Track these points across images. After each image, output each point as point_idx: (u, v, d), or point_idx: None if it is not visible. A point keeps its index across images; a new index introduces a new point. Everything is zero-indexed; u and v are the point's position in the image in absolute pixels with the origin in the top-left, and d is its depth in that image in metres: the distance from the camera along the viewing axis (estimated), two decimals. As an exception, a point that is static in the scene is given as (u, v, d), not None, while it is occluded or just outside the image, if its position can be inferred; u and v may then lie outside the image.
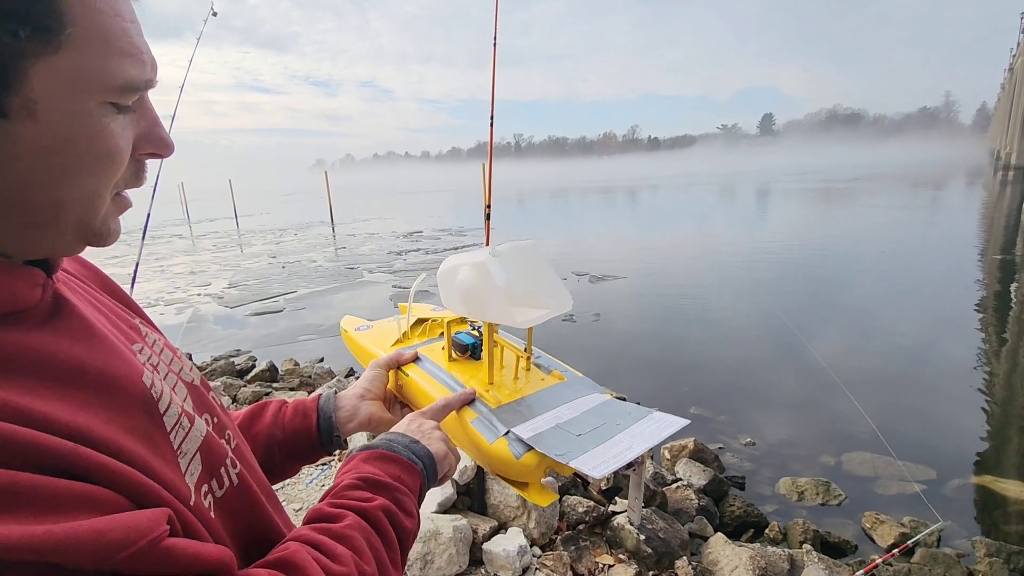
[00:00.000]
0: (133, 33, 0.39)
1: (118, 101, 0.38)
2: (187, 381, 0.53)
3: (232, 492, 0.46)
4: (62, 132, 0.36)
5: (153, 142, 0.43)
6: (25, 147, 0.35)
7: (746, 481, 3.20)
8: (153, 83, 0.42)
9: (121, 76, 0.38)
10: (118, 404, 0.39)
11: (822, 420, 3.89)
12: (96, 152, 0.38)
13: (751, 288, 7.74)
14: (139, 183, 0.45)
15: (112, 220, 0.43)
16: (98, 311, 0.49)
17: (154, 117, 0.43)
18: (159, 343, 0.54)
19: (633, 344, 5.63)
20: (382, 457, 0.62)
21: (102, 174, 0.39)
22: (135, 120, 0.41)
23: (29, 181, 0.36)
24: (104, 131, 0.38)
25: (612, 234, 15.23)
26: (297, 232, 17.91)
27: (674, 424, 0.72)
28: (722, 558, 2.29)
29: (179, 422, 0.44)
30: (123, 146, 0.40)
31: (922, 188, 27.14)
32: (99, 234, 0.42)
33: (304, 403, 0.80)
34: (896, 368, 4.72)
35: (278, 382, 4.57)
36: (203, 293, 8.80)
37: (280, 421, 0.77)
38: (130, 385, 0.41)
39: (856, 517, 2.83)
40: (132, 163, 0.42)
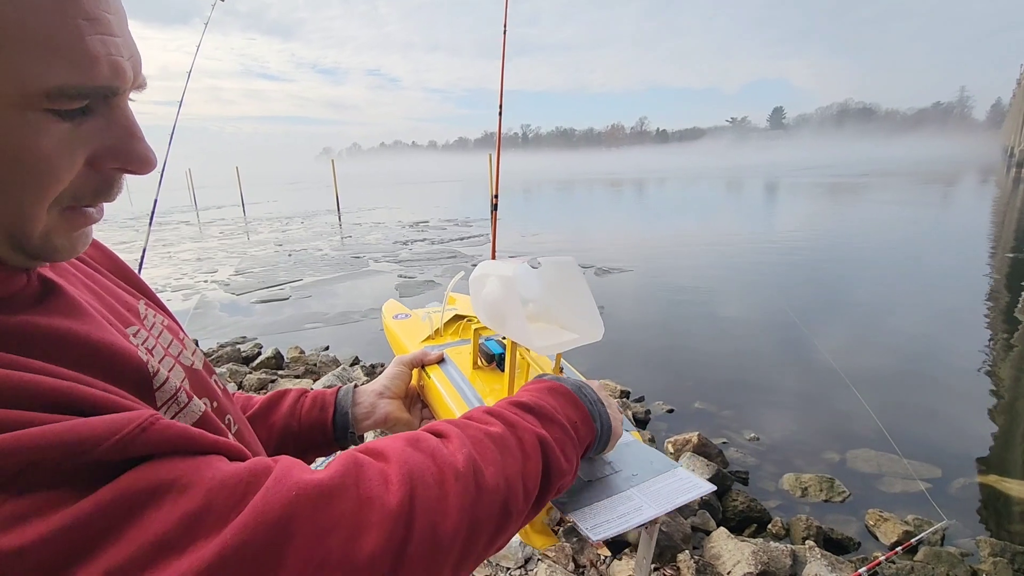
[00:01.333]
0: (85, 32, 0.34)
1: (51, 107, 0.34)
2: (186, 365, 0.52)
3: None
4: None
5: (122, 157, 0.39)
6: None
7: (749, 476, 3.20)
8: (121, 89, 0.37)
9: (48, 79, 0.33)
10: (107, 375, 0.38)
11: (827, 417, 3.88)
12: (18, 164, 0.34)
13: (758, 283, 7.70)
14: (107, 198, 0.41)
15: (59, 236, 0.39)
16: (94, 294, 0.49)
17: (128, 128, 0.39)
18: (159, 326, 0.53)
19: (638, 337, 5.62)
20: (567, 396, 0.58)
21: (27, 189, 0.35)
22: (95, 130, 0.37)
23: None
24: (28, 141, 0.34)
25: (619, 226, 15.16)
26: (303, 220, 17.93)
27: (697, 488, 0.64)
28: (724, 552, 2.29)
29: (174, 397, 0.43)
30: (60, 160, 0.35)
31: (934, 184, 26.84)
32: (40, 250, 0.39)
33: (323, 396, 0.78)
34: (903, 366, 4.69)
35: (283, 369, 4.59)
36: (210, 280, 8.84)
37: (297, 412, 0.76)
38: (122, 356, 0.40)
39: (860, 514, 2.83)
40: (92, 177, 0.38)
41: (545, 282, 0.77)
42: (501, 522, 0.44)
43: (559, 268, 0.77)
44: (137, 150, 0.39)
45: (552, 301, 0.79)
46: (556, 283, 0.78)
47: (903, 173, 37.02)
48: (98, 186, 0.39)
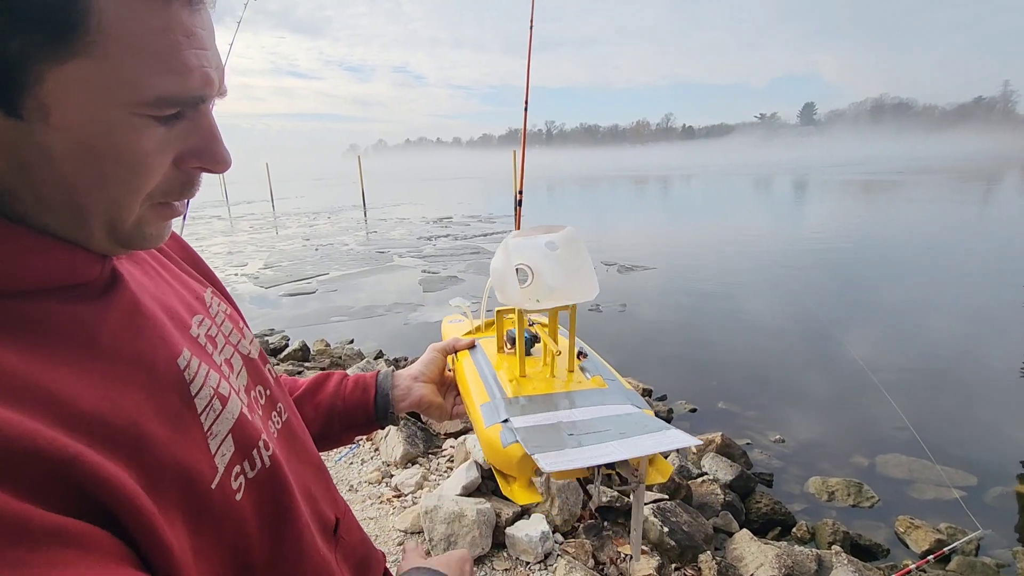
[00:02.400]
0: (184, 48, 0.37)
1: (151, 113, 0.37)
2: (244, 354, 0.55)
3: (263, 473, 0.46)
4: (80, 139, 0.36)
5: (204, 158, 0.42)
6: (41, 150, 0.35)
7: (774, 478, 3.14)
8: (209, 97, 0.41)
9: (154, 90, 0.36)
10: (150, 383, 0.40)
11: (856, 420, 3.78)
12: (119, 162, 0.37)
13: (786, 282, 7.54)
14: (190, 195, 0.44)
15: (149, 226, 0.43)
16: (163, 282, 0.51)
17: (211, 131, 0.42)
18: (222, 315, 0.56)
19: (660, 336, 5.56)
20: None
21: (126, 184, 0.39)
22: (184, 133, 0.40)
23: (47, 181, 0.37)
24: (131, 142, 0.37)
25: (643, 224, 14.99)
26: (330, 215, 18.22)
27: (680, 441, 0.63)
28: (747, 554, 2.26)
29: (210, 404, 0.44)
30: (155, 159, 0.39)
31: (974, 182, 25.81)
32: (131, 238, 0.42)
33: (364, 378, 0.83)
34: (937, 369, 4.54)
35: (309, 361, 4.68)
36: (240, 273, 9.05)
37: (341, 393, 0.80)
38: (165, 365, 0.42)
39: (889, 520, 2.75)
40: (178, 175, 0.42)
41: (554, 254, 0.79)
42: None
43: (568, 242, 0.79)
44: (218, 151, 0.43)
45: (559, 273, 0.81)
46: (564, 256, 0.80)
47: (942, 170, 35.69)
48: (183, 183, 0.43)
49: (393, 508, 2.44)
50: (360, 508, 2.44)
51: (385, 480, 2.66)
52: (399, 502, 2.49)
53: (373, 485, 2.62)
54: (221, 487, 0.41)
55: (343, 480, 2.66)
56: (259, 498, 0.45)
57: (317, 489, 0.57)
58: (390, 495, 2.53)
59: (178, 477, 0.38)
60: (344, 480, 2.66)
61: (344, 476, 2.68)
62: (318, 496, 0.56)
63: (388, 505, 2.47)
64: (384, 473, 2.71)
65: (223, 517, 0.40)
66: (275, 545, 0.46)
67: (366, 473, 2.70)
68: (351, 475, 2.69)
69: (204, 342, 0.49)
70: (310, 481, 0.56)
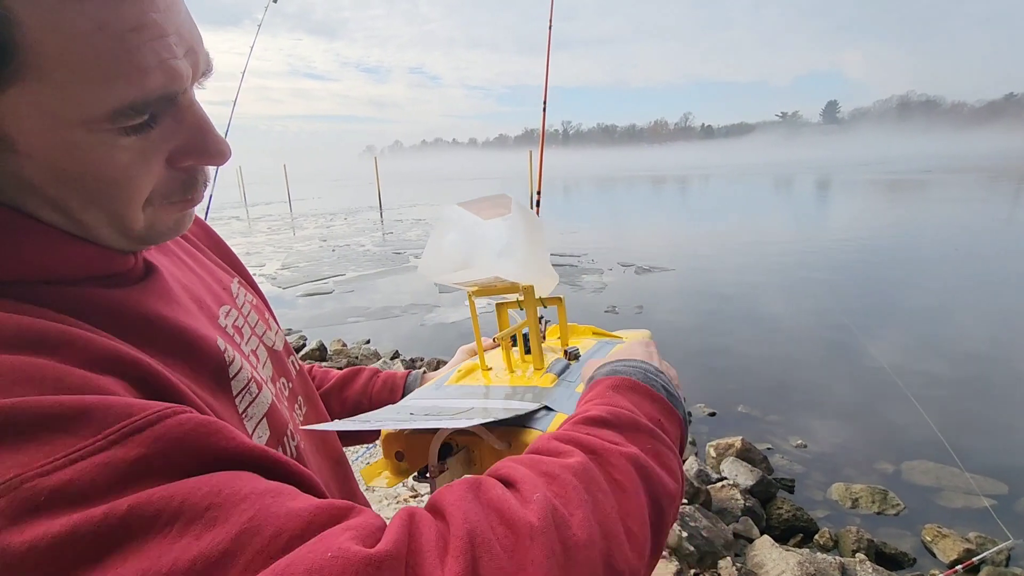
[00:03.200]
0: (133, 43, 0.33)
1: (114, 127, 0.34)
2: (268, 345, 0.55)
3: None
4: (51, 164, 0.34)
5: (196, 154, 0.39)
6: (20, 179, 0.35)
7: (795, 484, 3.08)
8: (179, 91, 0.37)
9: (106, 103, 0.33)
10: (188, 362, 0.41)
11: (881, 425, 3.69)
12: (99, 180, 0.36)
13: (808, 285, 7.40)
14: (194, 192, 0.42)
15: (161, 224, 0.42)
16: (193, 273, 0.52)
17: (197, 124, 0.39)
18: (248, 305, 0.56)
19: (678, 338, 5.49)
20: (636, 389, 0.48)
21: (115, 200, 0.37)
22: (166, 133, 0.38)
23: (42, 206, 0.36)
24: (103, 159, 0.35)
25: (661, 225, 14.86)
26: (347, 216, 18.39)
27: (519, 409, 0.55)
28: (768, 561, 2.21)
29: (247, 387, 0.45)
30: (136, 171, 0.37)
31: (1005, 181, 25.08)
32: (147, 237, 0.42)
33: (393, 378, 0.82)
34: (966, 375, 4.41)
35: (327, 361, 4.73)
36: (258, 274, 9.18)
37: (369, 391, 0.80)
38: (202, 344, 0.43)
39: (916, 529, 2.68)
40: (175, 174, 0.40)
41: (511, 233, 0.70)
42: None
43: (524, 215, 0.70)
44: (210, 143, 0.40)
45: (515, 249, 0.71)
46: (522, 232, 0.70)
47: (971, 169, 34.75)
48: (183, 182, 0.41)
49: (409, 508, 2.45)
50: (377, 508, 2.45)
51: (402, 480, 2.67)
52: (415, 502, 2.49)
53: (390, 485, 2.63)
54: None
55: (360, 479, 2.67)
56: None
57: (334, 484, 0.58)
58: (407, 495, 2.54)
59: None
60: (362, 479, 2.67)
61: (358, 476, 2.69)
62: (334, 490, 0.57)
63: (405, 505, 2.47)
64: (400, 473, 2.72)
65: None
66: None
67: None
68: (368, 475, 2.71)
69: (232, 332, 0.50)
70: (327, 476, 0.57)
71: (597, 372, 0.53)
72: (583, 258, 9.28)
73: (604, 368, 0.53)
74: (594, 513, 0.35)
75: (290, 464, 0.35)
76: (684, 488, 0.45)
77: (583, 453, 0.39)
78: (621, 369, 0.51)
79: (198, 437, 0.31)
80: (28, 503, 0.26)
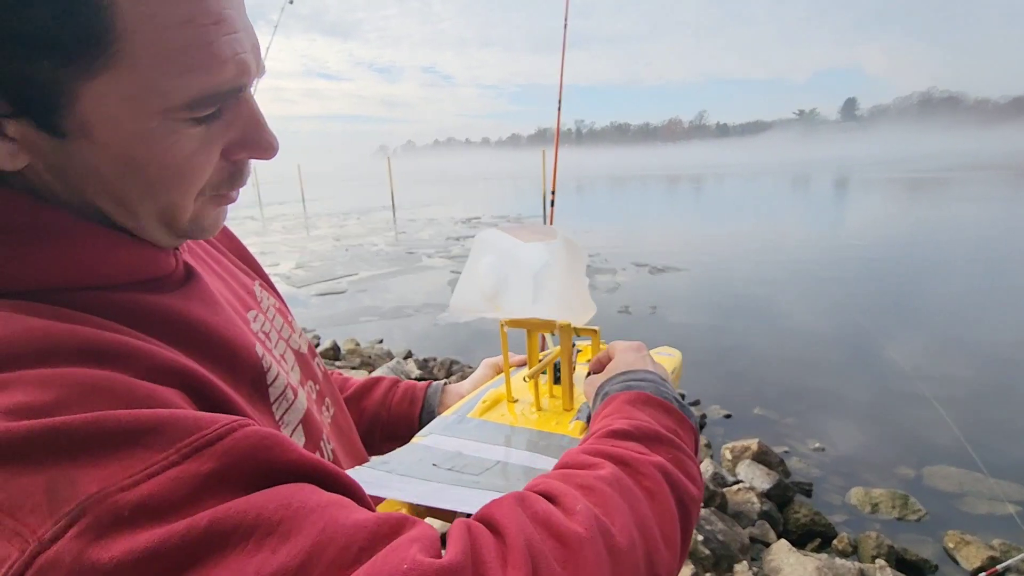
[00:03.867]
0: (213, 37, 0.35)
1: (187, 116, 0.36)
2: (295, 348, 0.56)
3: None
4: (122, 151, 0.35)
5: (249, 147, 0.41)
6: (87, 166, 0.36)
7: (813, 488, 3.03)
8: (246, 85, 0.39)
9: (186, 92, 0.35)
10: (232, 370, 0.42)
11: (901, 429, 3.61)
12: (164, 168, 0.37)
13: (825, 285, 7.29)
14: (240, 183, 0.44)
15: (205, 219, 0.43)
16: (220, 279, 0.52)
17: (252, 119, 0.41)
18: (272, 309, 0.57)
19: (692, 339, 5.44)
20: (651, 403, 0.50)
21: (175, 188, 0.38)
22: (226, 125, 0.39)
23: (99, 194, 0.37)
24: (172, 148, 0.36)
25: (675, 225, 14.75)
26: (360, 216, 18.52)
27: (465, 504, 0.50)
28: (785, 566, 2.18)
29: (283, 394, 0.45)
30: (199, 160, 0.38)
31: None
32: (189, 231, 0.43)
33: (413, 390, 0.80)
34: (991, 377, 4.30)
35: (340, 360, 4.75)
36: (272, 273, 9.15)
37: (388, 403, 0.79)
38: (244, 353, 0.43)
39: (938, 535, 2.62)
40: (226, 166, 0.42)
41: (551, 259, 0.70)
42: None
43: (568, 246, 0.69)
44: (263, 138, 0.42)
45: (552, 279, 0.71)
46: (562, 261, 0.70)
47: (995, 167, 33.99)
48: (232, 174, 0.42)
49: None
50: (389, 507, 2.45)
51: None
52: (428, 502, 2.49)
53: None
54: None
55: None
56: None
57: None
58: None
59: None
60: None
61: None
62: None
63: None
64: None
65: None
66: None
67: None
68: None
69: (263, 338, 0.50)
70: None
71: (610, 387, 0.55)
72: (596, 258, 9.23)
73: (616, 383, 0.55)
74: (632, 519, 0.37)
75: (341, 475, 0.36)
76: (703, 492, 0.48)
77: (613, 464, 0.42)
78: (635, 384, 0.53)
79: (262, 450, 0.32)
80: (112, 518, 0.27)
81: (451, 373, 4.34)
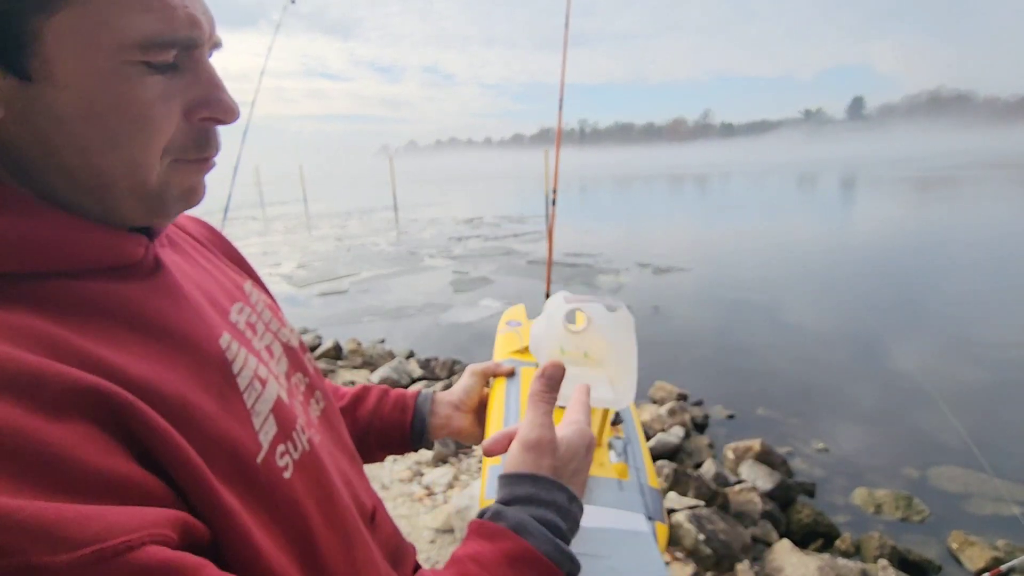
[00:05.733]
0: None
1: (144, 59, 0.37)
2: (284, 342, 0.56)
3: (306, 457, 0.47)
4: (84, 94, 0.36)
5: (210, 105, 0.41)
6: (51, 111, 0.36)
7: (816, 488, 3.02)
8: (199, 41, 0.40)
9: (139, 30, 0.36)
10: (195, 361, 0.41)
11: (906, 430, 3.60)
12: (123, 115, 0.37)
13: (830, 285, 7.26)
14: (208, 150, 0.44)
15: (177, 185, 0.42)
16: (204, 271, 0.53)
17: (212, 79, 0.42)
18: (262, 304, 0.58)
19: (696, 339, 5.43)
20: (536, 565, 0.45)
21: (136, 138, 0.38)
22: (185, 84, 0.40)
23: (63, 145, 0.37)
24: (130, 93, 0.37)
25: (679, 225, 14.73)
26: (362, 216, 18.54)
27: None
28: (788, 566, 2.17)
29: (251, 384, 0.45)
30: (159, 110, 0.38)
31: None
32: (161, 201, 0.42)
33: (404, 398, 0.81)
34: (996, 379, 4.28)
35: (342, 360, 4.76)
36: (274, 273, 9.29)
37: (380, 412, 0.79)
38: (208, 344, 0.43)
39: (942, 536, 2.61)
40: (190, 129, 0.41)
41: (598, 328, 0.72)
42: None
43: (618, 319, 0.71)
44: (223, 99, 0.42)
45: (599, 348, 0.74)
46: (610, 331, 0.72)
47: (1006, 166, 33.79)
48: (196, 138, 0.42)
49: (424, 507, 2.45)
50: (392, 506, 2.45)
51: (416, 479, 2.68)
52: (430, 501, 2.50)
53: (405, 483, 2.64)
54: (267, 463, 0.41)
55: (375, 478, 2.68)
56: (306, 478, 0.46)
57: (353, 477, 0.57)
58: (421, 494, 2.54)
59: (225, 450, 0.39)
60: (376, 478, 2.68)
61: (376, 474, 2.70)
62: (355, 484, 0.57)
63: (420, 504, 2.48)
64: (415, 472, 2.72)
65: (273, 492, 0.41)
66: (328, 525, 0.46)
67: (398, 471, 2.72)
68: (383, 473, 2.72)
69: (243, 328, 0.51)
70: (347, 468, 0.57)
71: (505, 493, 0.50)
72: (599, 257, 9.22)
73: (513, 506, 0.49)
74: None
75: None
76: None
77: None
78: (529, 525, 0.47)
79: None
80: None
81: (453, 373, 4.34)
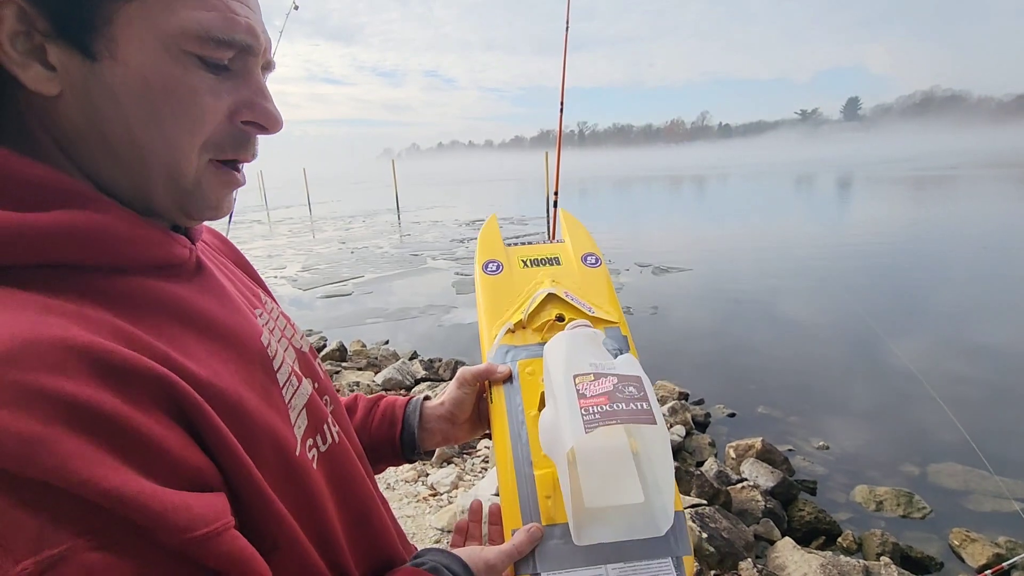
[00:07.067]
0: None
1: (199, 53, 0.39)
2: (296, 347, 0.58)
3: (334, 448, 0.50)
4: (140, 72, 0.38)
5: (255, 110, 0.43)
6: (108, 88, 0.38)
7: (818, 486, 3.04)
8: (255, 49, 0.42)
9: (199, 24, 0.38)
10: (242, 357, 0.44)
11: (906, 427, 3.61)
12: (172, 98, 0.39)
13: (828, 283, 7.27)
14: (245, 154, 0.45)
15: (209, 189, 0.44)
16: (228, 278, 0.55)
17: (260, 88, 0.44)
18: (275, 311, 0.60)
19: (696, 339, 5.45)
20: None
21: (180, 121, 0.40)
22: (234, 86, 0.42)
23: (112, 119, 0.39)
24: (183, 79, 0.39)
25: (678, 225, 14.74)
26: (365, 219, 18.57)
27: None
28: (790, 563, 2.19)
29: (289, 379, 0.48)
30: (206, 102, 0.40)
31: (1034, 177, 24.34)
32: (193, 200, 0.43)
33: (392, 412, 0.78)
34: (995, 376, 4.29)
35: (347, 361, 4.79)
36: (279, 276, 9.32)
37: (368, 427, 0.77)
38: (252, 342, 0.46)
39: (943, 533, 2.62)
40: (232, 129, 0.43)
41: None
42: None
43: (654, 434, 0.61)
44: (268, 108, 0.45)
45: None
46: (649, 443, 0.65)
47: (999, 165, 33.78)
48: (236, 138, 0.44)
49: (429, 506, 2.47)
50: (397, 506, 2.48)
51: (421, 479, 2.70)
52: (435, 500, 2.52)
53: (409, 483, 2.66)
54: (300, 456, 0.44)
55: (380, 478, 2.71)
56: (330, 470, 0.48)
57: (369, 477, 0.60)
58: (426, 493, 2.57)
59: (270, 443, 0.41)
60: (380, 478, 2.71)
61: (381, 474, 2.73)
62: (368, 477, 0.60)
63: (424, 504, 2.50)
64: (420, 472, 2.74)
65: (304, 483, 0.44)
66: (349, 515, 0.49)
67: (402, 471, 2.74)
68: (388, 473, 2.74)
69: (267, 332, 0.53)
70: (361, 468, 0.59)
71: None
72: (600, 259, 9.24)
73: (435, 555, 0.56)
74: None
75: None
76: None
77: None
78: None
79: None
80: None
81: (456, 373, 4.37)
